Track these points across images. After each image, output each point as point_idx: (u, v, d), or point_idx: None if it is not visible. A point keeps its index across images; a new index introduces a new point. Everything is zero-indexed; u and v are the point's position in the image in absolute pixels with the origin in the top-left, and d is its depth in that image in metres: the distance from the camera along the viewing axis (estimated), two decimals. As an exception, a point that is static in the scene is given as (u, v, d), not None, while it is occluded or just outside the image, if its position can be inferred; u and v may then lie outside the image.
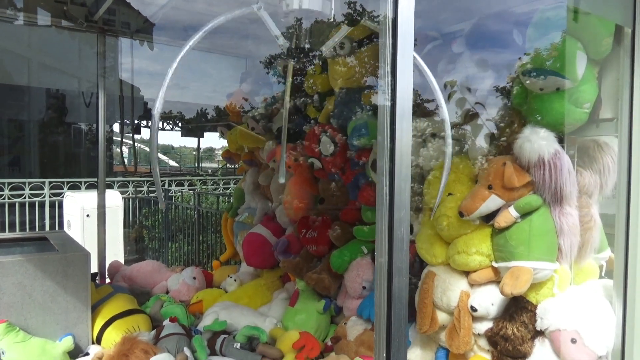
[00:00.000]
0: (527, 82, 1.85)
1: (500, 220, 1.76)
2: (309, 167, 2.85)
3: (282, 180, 2.72)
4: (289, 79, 2.96)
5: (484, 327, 1.91)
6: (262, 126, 3.33)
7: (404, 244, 1.07)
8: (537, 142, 1.67)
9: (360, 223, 2.61)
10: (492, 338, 1.87)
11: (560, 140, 1.80)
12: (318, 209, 2.82)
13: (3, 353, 2.16)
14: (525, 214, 1.74)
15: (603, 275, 1.96)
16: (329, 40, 2.42)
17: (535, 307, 1.79)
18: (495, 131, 2.13)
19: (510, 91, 2.04)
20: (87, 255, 2.43)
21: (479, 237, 1.86)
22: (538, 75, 1.80)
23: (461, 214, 1.82)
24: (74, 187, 6.92)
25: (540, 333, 1.80)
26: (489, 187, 1.77)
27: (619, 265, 1.74)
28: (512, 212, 1.73)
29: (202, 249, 6.55)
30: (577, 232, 1.77)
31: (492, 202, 1.77)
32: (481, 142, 2.18)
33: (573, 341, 1.65)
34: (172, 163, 27.12)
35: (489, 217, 1.86)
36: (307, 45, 2.32)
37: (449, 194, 1.96)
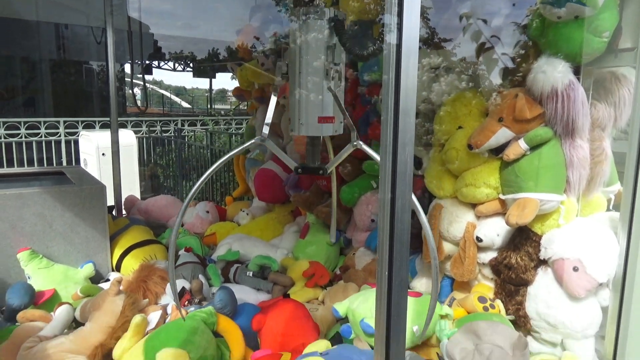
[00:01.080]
0: (546, 10, 1.78)
1: (510, 153, 1.75)
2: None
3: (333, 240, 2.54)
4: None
5: (488, 256, 1.96)
6: (271, 62, 3.29)
7: (408, 180, 1.06)
8: (552, 72, 1.63)
9: (370, 158, 2.62)
10: (496, 267, 1.93)
11: (576, 72, 1.76)
12: (328, 144, 2.83)
13: (29, 278, 2.29)
14: (535, 147, 1.73)
15: (611, 208, 1.97)
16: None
17: (540, 237, 1.82)
18: (510, 65, 2.09)
19: (528, 24, 1.97)
20: (103, 187, 2.50)
21: (488, 170, 1.87)
22: (557, 2, 1.73)
23: (470, 147, 1.82)
24: (89, 126, 6.99)
25: (543, 262, 1.85)
26: (500, 120, 1.76)
27: (626, 196, 1.74)
28: (522, 145, 1.72)
29: (216, 187, 6.67)
30: (586, 165, 1.76)
31: (502, 134, 1.75)
32: (495, 76, 2.13)
33: (575, 269, 1.69)
34: (185, 105, 27.05)
35: (498, 151, 1.85)
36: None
37: (459, 127, 1.95)
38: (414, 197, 1.14)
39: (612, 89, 1.75)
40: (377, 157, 1.36)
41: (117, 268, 2.57)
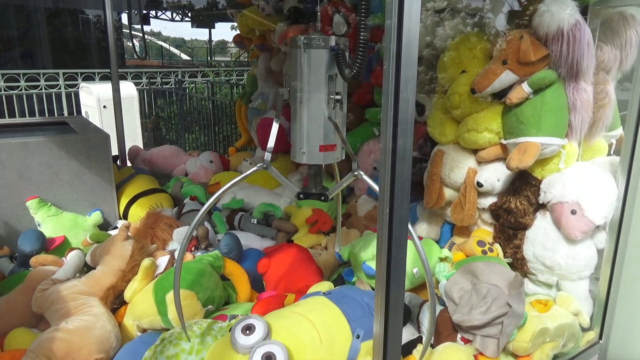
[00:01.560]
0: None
1: (513, 97, 1.74)
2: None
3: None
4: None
5: (488, 202, 2.00)
6: (272, 7, 3.21)
7: (409, 126, 1.05)
8: (558, 12, 1.60)
9: (373, 105, 2.62)
10: (496, 211, 1.96)
11: (584, 12, 1.72)
12: (330, 91, 2.80)
13: (39, 225, 2.34)
14: (538, 90, 1.72)
15: (611, 153, 1.98)
16: None
17: (539, 182, 1.84)
18: (516, 7, 2.03)
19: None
20: (107, 136, 2.51)
21: (490, 114, 1.87)
22: None
23: (473, 91, 1.81)
24: (88, 78, 6.91)
25: (542, 206, 1.88)
26: (504, 62, 1.74)
27: (627, 140, 1.75)
28: (525, 88, 1.71)
29: (218, 139, 6.66)
30: (589, 109, 1.75)
31: (506, 77, 1.74)
32: (501, 19, 2.09)
33: (573, 212, 1.72)
34: (185, 57, 26.56)
35: (501, 95, 1.84)
36: None
37: (463, 72, 1.93)
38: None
39: (620, 30, 1.72)
40: (375, 187, 1.33)
41: (124, 216, 2.63)
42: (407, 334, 1.68)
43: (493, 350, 1.51)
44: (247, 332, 1.34)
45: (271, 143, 1.43)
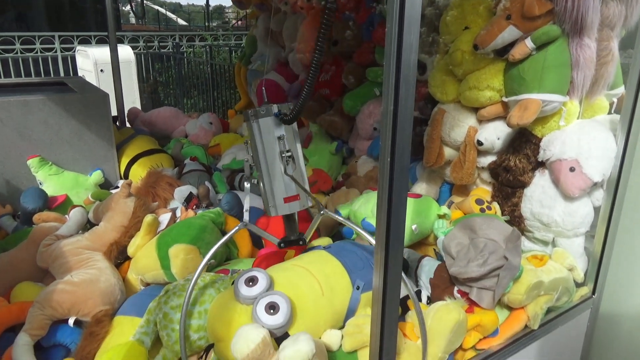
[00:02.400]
0: None
1: (516, 53, 1.73)
2: (322, 8, 2.74)
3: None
4: None
5: (487, 160, 2.01)
6: (272, -35, 3.14)
7: (411, 88, 1.05)
8: (564, -35, 1.57)
9: (374, 64, 2.59)
10: (495, 170, 1.97)
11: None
12: (331, 51, 2.78)
13: (41, 184, 2.36)
14: (541, 46, 1.70)
15: (612, 112, 1.98)
16: None
17: (539, 140, 1.85)
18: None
19: None
20: (106, 95, 2.50)
21: (492, 72, 1.85)
22: None
23: (476, 47, 1.79)
24: (84, 41, 6.81)
25: (541, 164, 1.89)
26: (507, 18, 1.71)
27: (629, 98, 1.75)
28: (528, 44, 1.69)
29: (217, 104, 6.62)
30: (592, 66, 1.74)
31: (509, 33, 1.72)
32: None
33: (572, 169, 1.73)
34: (182, 22, 26.04)
35: (503, 52, 1.82)
36: None
37: (466, 28, 1.91)
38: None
39: (626, -16, 1.69)
40: (347, 222, 1.60)
41: (125, 176, 2.64)
42: (405, 288, 1.72)
43: (489, 302, 1.55)
44: (250, 283, 1.37)
45: (247, 205, 1.61)
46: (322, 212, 1.60)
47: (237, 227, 1.54)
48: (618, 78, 1.91)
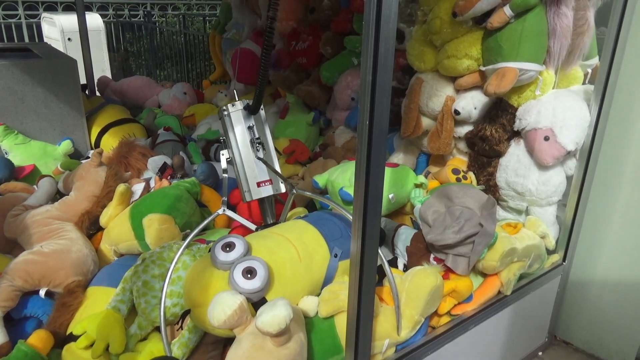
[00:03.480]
0: None
1: (494, 20, 1.72)
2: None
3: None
4: None
5: (464, 130, 2.01)
6: None
7: (389, 59, 1.03)
8: None
9: (352, 33, 2.55)
10: (471, 140, 1.98)
11: None
12: (308, 19, 2.72)
13: (7, 154, 2.27)
14: (519, 14, 1.69)
15: (586, 82, 2.00)
16: None
17: (515, 109, 1.86)
18: None
19: None
20: (73, 61, 2.40)
21: (470, 40, 1.84)
22: None
23: (455, 15, 1.77)
24: (50, 8, 6.50)
25: (516, 134, 1.91)
26: (487, -16, 1.69)
27: (602, 68, 1.77)
28: (507, 11, 1.68)
29: (192, 76, 6.45)
30: (569, 35, 1.75)
31: (488, 0, 1.70)
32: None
33: (546, 138, 1.75)
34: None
35: (481, 21, 1.81)
36: None
37: (445, -5, 1.88)
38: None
39: (604, -48, 1.69)
40: (318, 197, 1.71)
41: (96, 146, 2.57)
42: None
43: (463, 268, 1.57)
44: (227, 249, 1.35)
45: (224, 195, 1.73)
46: (293, 191, 1.68)
47: (215, 214, 1.67)
48: (593, 49, 1.93)
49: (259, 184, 1.70)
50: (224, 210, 1.67)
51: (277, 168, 1.75)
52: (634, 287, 1.93)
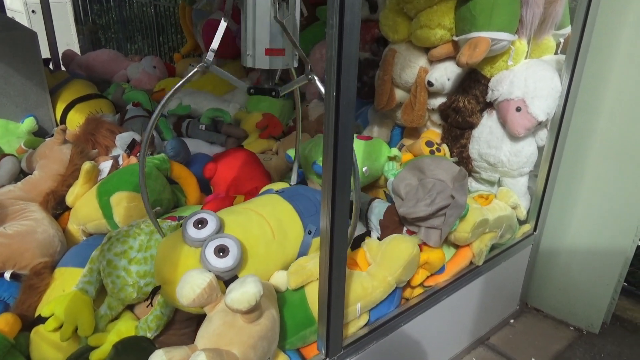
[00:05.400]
0: None
1: (466, -11, 1.69)
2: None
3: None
4: None
5: (437, 102, 2.00)
6: None
7: (355, 34, 1.00)
8: None
9: (325, 2, 2.49)
10: (445, 111, 1.97)
11: None
12: (279, -12, 2.63)
13: (-35, 132, 2.17)
14: (492, -18, 1.66)
15: (559, 52, 2.00)
16: None
17: (488, 80, 1.85)
18: None
19: None
20: (34, 34, 2.29)
21: (443, 9, 1.81)
22: None
23: (427, -17, 1.74)
24: (11, -22, 6.18)
25: (489, 105, 1.90)
26: (459, -49, 1.66)
27: (574, 38, 1.76)
28: (480, -20, 1.65)
29: (164, 50, 6.27)
30: (541, 4, 1.73)
31: (460, -32, 1.67)
32: None
33: (518, 109, 1.75)
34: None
35: (455, -11, 1.78)
36: None
37: (417, -37, 1.84)
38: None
39: None
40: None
41: (62, 123, 2.48)
42: (356, 229, 1.73)
43: (436, 240, 1.58)
44: (199, 226, 1.32)
45: (215, 44, 1.34)
46: (309, 75, 1.41)
47: (197, 68, 1.34)
48: (565, 18, 1.92)
49: (267, 52, 1.34)
50: (207, 65, 1.33)
51: (297, 41, 1.39)
52: (601, 255, 1.98)
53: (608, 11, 1.75)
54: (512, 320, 2.18)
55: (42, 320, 1.33)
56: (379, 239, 1.70)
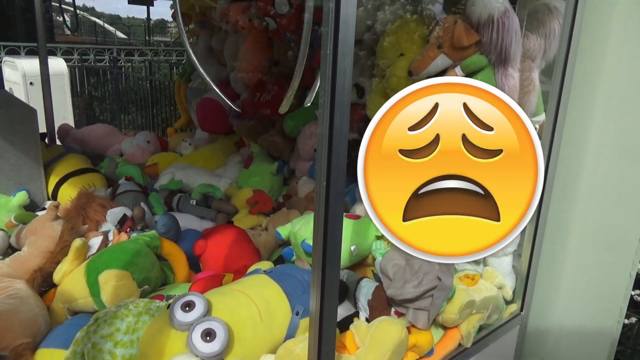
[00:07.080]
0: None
1: (447, 81, 1.81)
2: (264, 28, 2.76)
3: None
4: None
5: (423, 182, 2.07)
6: (213, -17, 3.12)
7: (345, 110, 1.07)
8: (490, 0, 1.67)
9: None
10: (430, 192, 2.04)
11: (512, 2, 1.81)
12: (273, 71, 2.79)
13: (-44, 206, 2.18)
14: (470, 74, 1.79)
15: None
16: None
17: (470, 163, 1.94)
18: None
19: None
20: (33, 111, 2.36)
21: (426, 98, 1.93)
22: None
23: (410, 74, 1.86)
24: (12, 52, 6.44)
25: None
26: (439, 47, 1.80)
27: (548, 124, 1.88)
28: (458, 71, 1.78)
29: (157, 121, 6.44)
30: (516, 95, 1.85)
31: (441, 61, 1.80)
32: (438, 6, 2.15)
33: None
34: (120, 35, 25.27)
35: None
36: None
37: (401, 54, 1.98)
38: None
39: (544, 20, 1.83)
40: None
41: (54, 197, 2.50)
42: (344, 310, 1.73)
43: (424, 322, 1.59)
44: (187, 309, 1.32)
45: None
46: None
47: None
48: (539, 106, 2.05)
49: None
50: None
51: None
52: (588, 335, 1.99)
53: (577, 100, 1.88)
54: (503, 404, 2.13)
55: (20, 406, 1.29)
56: (368, 320, 1.70)
